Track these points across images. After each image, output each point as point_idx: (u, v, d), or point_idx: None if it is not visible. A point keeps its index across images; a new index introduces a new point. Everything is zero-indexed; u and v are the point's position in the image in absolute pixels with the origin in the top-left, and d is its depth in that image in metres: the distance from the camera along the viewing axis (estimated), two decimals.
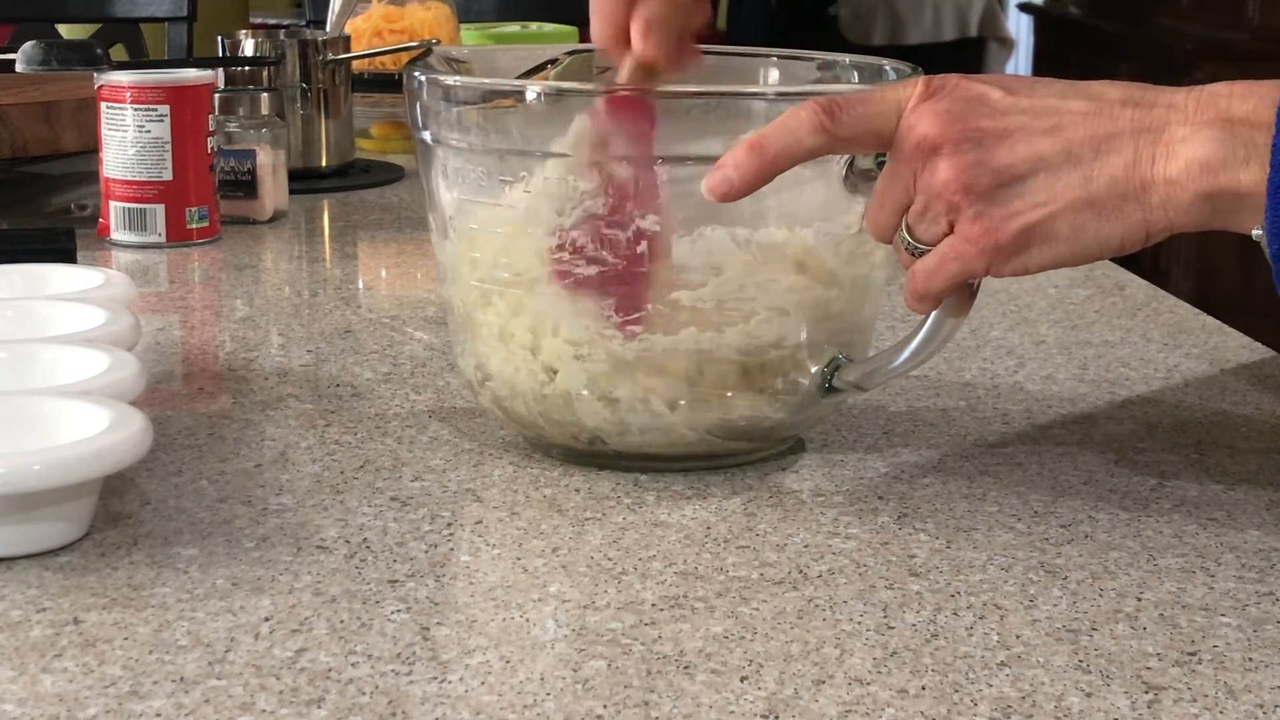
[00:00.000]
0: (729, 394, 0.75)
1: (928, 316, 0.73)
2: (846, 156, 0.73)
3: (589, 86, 0.80)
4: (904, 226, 0.70)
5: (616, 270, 0.73)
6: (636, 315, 0.73)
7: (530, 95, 0.76)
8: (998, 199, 0.67)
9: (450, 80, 0.77)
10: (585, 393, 0.75)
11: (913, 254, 0.70)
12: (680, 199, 0.72)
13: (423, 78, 0.77)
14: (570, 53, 0.87)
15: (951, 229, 0.68)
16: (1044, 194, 0.67)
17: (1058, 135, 0.67)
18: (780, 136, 0.70)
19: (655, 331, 0.74)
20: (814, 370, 0.77)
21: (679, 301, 0.73)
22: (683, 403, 0.75)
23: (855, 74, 0.84)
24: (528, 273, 0.75)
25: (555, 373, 0.75)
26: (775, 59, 0.88)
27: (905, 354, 0.74)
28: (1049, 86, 0.69)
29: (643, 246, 0.73)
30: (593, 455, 0.78)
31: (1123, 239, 0.67)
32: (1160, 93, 0.67)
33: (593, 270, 0.73)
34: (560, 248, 0.74)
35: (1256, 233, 0.65)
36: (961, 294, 0.71)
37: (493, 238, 0.76)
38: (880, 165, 0.71)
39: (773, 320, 0.74)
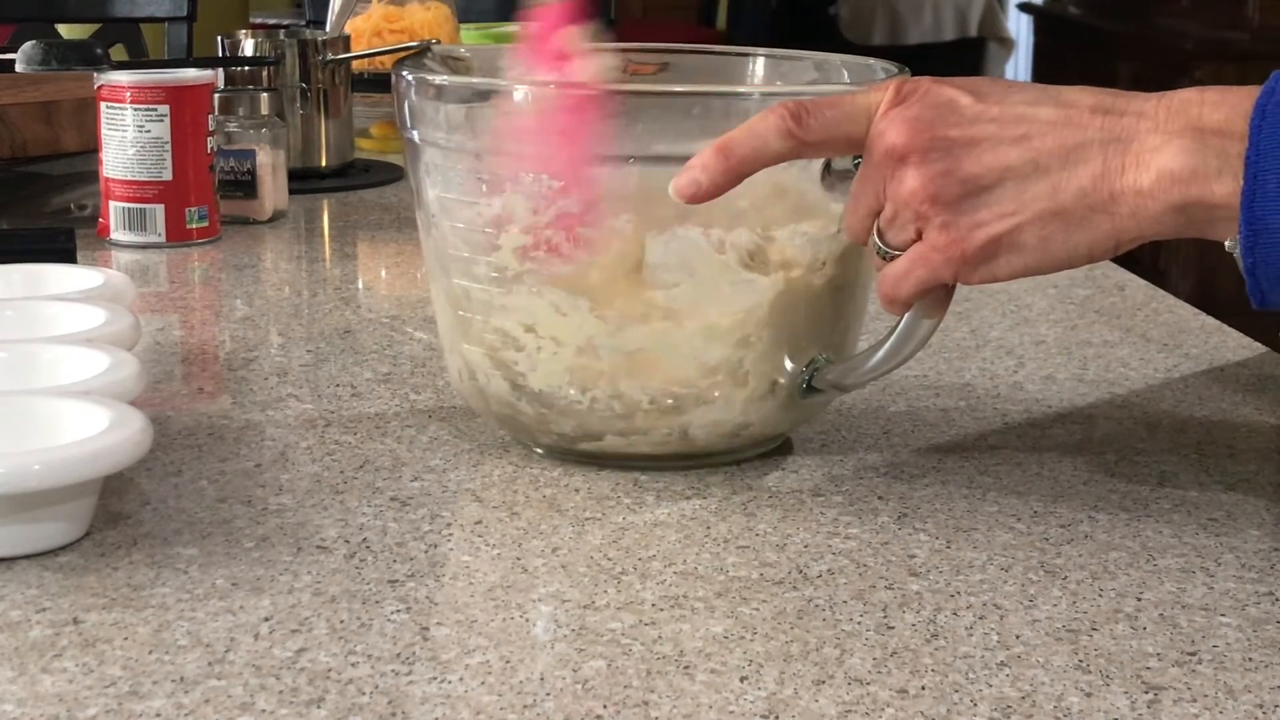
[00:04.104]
0: (707, 394, 0.75)
1: (901, 318, 0.73)
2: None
3: (584, 85, 0.80)
4: (875, 231, 0.70)
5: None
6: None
7: (517, 95, 0.76)
8: (964, 209, 0.67)
9: (436, 79, 0.78)
10: (561, 391, 0.75)
11: (884, 258, 0.70)
12: (662, 198, 0.72)
13: (410, 77, 0.78)
14: None
15: (920, 236, 0.69)
16: (1011, 204, 0.67)
17: (1026, 144, 0.67)
18: (747, 140, 0.69)
19: (630, 330, 0.74)
20: (791, 370, 0.76)
21: (653, 301, 0.73)
22: (661, 402, 0.75)
23: (847, 74, 0.84)
24: (506, 270, 0.75)
25: (533, 371, 0.76)
26: (769, 59, 0.88)
27: (880, 355, 0.74)
28: (1020, 93, 0.68)
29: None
30: (578, 454, 0.78)
31: (1091, 249, 0.67)
32: (1130, 100, 0.67)
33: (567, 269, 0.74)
34: (535, 246, 0.74)
35: (1229, 244, 0.65)
36: (936, 296, 0.71)
37: (474, 236, 0.76)
38: (858, 166, 0.71)
39: (748, 321, 0.74)
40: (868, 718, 0.55)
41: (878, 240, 0.70)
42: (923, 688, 0.57)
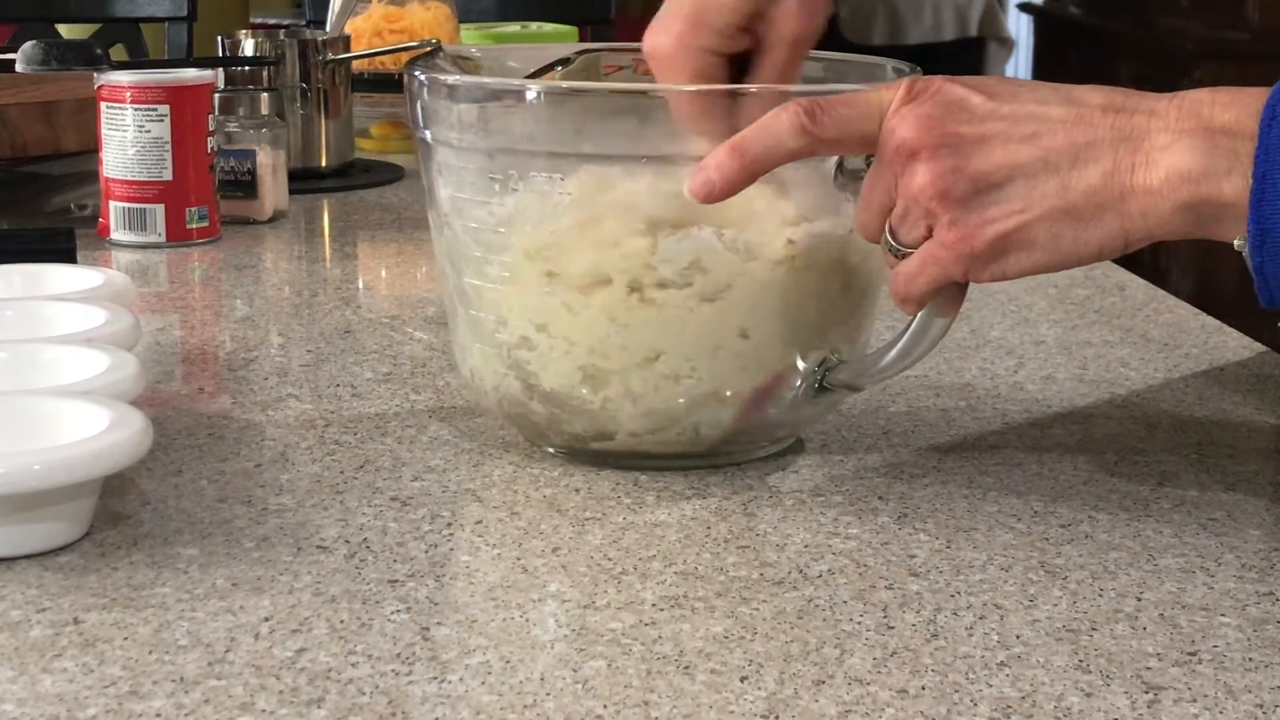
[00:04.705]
0: (718, 394, 0.75)
1: (914, 316, 0.73)
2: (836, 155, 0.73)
3: (586, 86, 0.80)
4: (887, 229, 0.70)
5: None
6: None
7: (530, 95, 0.76)
8: (974, 206, 0.67)
9: (449, 79, 0.78)
10: (574, 391, 0.75)
11: (896, 255, 0.70)
12: (675, 198, 0.72)
13: (423, 77, 0.78)
14: (580, 52, 0.87)
15: (931, 233, 0.69)
16: (1020, 202, 0.67)
17: (1036, 143, 0.67)
18: (761, 138, 0.70)
19: (642, 330, 0.74)
20: (804, 369, 0.77)
21: (666, 301, 0.73)
22: (672, 401, 0.75)
23: (857, 73, 0.84)
24: (520, 270, 0.75)
25: (545, 370, 0.76)
26: None
27: (893, 354, 0.74)
28: (1031, 91, 0.68)
29: None
30: (590, 454, 0.78)
31: (1101, 247, 0.67)
32: (1142, 99, 0.67)
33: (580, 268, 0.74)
34: (550, 245, 0.74)
35: (1238, 243, 0.65)
36: (948, 294, 0.71)
37: (486, 235, 0.76)
38: (869, 165, 0.71)
39: (761, 320, 0.74)
40: (868, 718, 0.55)
41: (889, 238, 0.70)
42: (923, 688, 0.57)
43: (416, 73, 0.78)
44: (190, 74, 1.26)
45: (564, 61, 0.85)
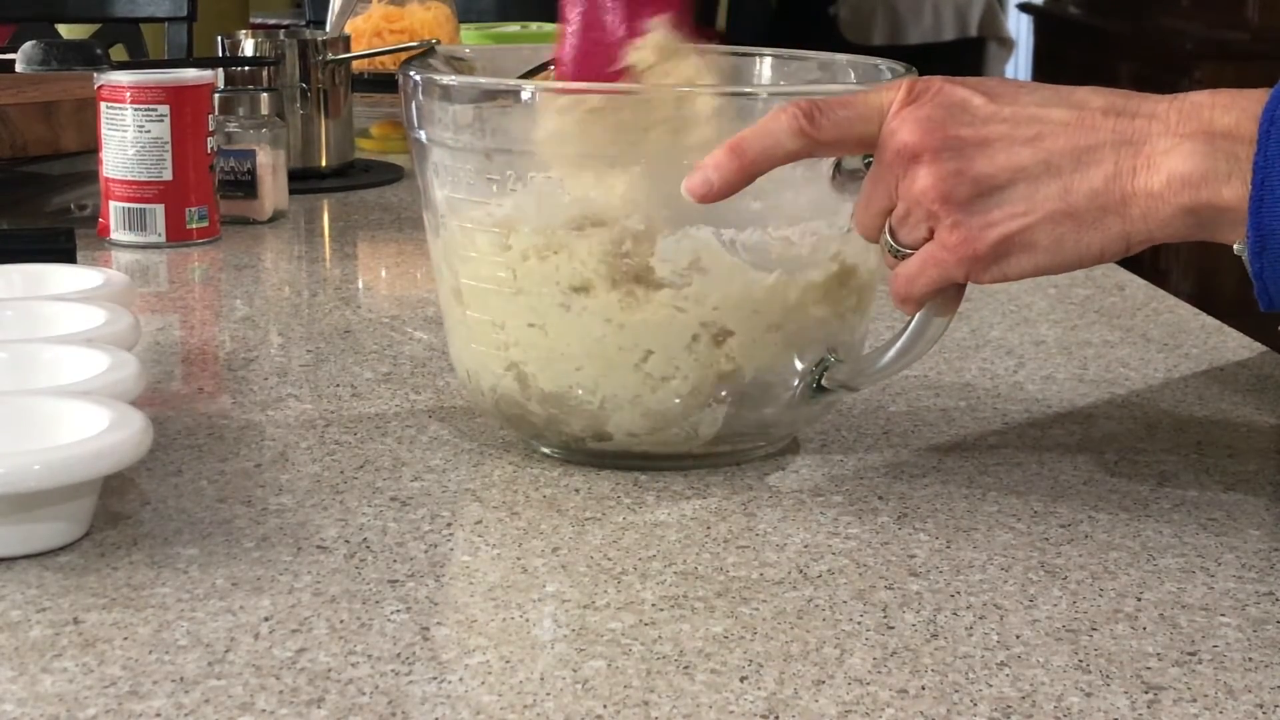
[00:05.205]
0: (716, 393, 0.75)
1: (914, 316, 0.73)
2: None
3: (584, 85, 0.80)
4: (887, 229, 0.70)
5: None
6: None
7: (524, 95, 0.76)
8: (976, 209, 0.67)
9: (444, 79, 0.78)
10: (571, 391, 0.75)
11: (896, 256, 0.70)
12: (673, 198, 0.72)
13: (418, 77, 0.78)
14: None
15: (932, 235, 0.69)
16: (1023, 204, 0.67)
17: (1038, 145, 0.67)
18: (760, 139, 0.70)
19: (640, 330, 0.74)
20: (801, 369, 0.77)
21: (664, 301, 0.73)
22: (670, 401, 0.75)
23: (852, 74, 0.84)
24: (517, 270, 0.75)
25: (543, 371, 0.76)
26: (774, 59, 0.88)
27: (891, 353, 0.75)
28: (1032, 93, 0.69)
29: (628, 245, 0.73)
30: (588, 454, 0.78)
31: (1103, 249, 0.67)
32: (1143, 101, 0.67)
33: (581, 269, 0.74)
34: (548, 245, 0.74)
35: (1237, 248, 0.65)
36: (947, 294, 0.71)
37: (483, 236, 0.76)
38: (868, 166, 0.71)
39: (758, 320, 0.74)
40: (868, 718, 0.55)
41: (889, 239, 0.70)
42: (923, 688, 0.57)
43: (411, 73, 0.78)
44: (190, 74, 1.26)
45: (556, 62, 0.85)
